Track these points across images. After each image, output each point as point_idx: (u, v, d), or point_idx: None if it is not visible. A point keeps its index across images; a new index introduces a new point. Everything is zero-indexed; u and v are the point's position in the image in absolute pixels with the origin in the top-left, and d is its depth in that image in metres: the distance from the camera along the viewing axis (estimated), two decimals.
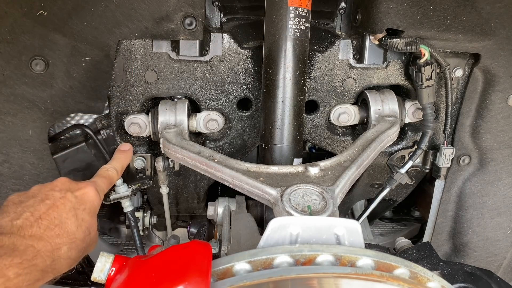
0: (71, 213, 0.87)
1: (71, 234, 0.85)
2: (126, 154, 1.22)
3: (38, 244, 0.77)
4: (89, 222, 0.92)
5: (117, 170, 1.14)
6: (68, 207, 0.88)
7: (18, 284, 0.69)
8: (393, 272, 0.70)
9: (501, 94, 1.32)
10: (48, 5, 1.06)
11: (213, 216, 1.28)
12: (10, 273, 0.68)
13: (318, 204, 0.88)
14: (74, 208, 0.89)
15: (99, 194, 0.99)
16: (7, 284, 0.67)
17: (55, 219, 0.83)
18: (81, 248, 0.87)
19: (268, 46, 1.14)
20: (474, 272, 0.98)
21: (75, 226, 0.86)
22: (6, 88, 1.13)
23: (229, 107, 1.33)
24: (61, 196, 0.89)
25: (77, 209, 0.89)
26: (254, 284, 0.64)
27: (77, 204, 0.90)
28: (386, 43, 1.21)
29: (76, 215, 0.88)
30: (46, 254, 0.77)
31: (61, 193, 0.90)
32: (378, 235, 2.07)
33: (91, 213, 0.94)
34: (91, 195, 0.95)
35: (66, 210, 0.87)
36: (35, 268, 0.74)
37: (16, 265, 0.70)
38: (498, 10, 1.18)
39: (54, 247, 0.80)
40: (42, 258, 0.76)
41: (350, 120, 1.38)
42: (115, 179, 1.14)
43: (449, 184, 1.47)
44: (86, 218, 0.91)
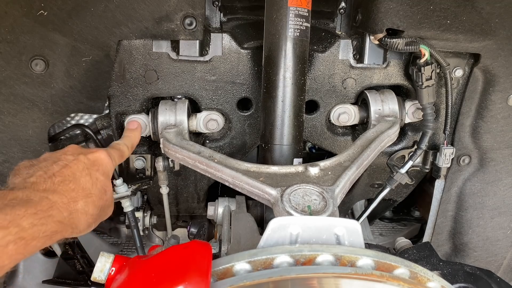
0: (85, 172, 0.86)
1: (86, 189, 0.84)
2: (135, 132, 1.20)
3: (53, 196, 0.75)
4: (104, 181, 0.90)
5: (127, 147, 1.11)
6: (82, 167, 0.86)
7: (34, 234, 0.68)
8: (393, 272, 0.70)
9: (501, 94, 1.32)
10: (48, 5, 1.06)
11: (213, 216, 1.28)
12: (24, 223, 0.66)
13: (318, 204, 0.88)
14: (87, 168, 0.87)
15: (111, 160, 0.97)
16: (22, 234, 0.65)
17: (69, 176, 0.82)
18: (98, 205, 0.86)
19: (268, 46, 1.14)
20: (474, 272, 0.98)
21: (90, 184, 0.85)
22: (6, 88, 1.13)
23: (229, 107, 1.33)
24: (74, 158, 0.88)
25: (90, 169, 0.88)
26: (254, 284, 0.64)
27: (90, 165, 0.89)
28: (386, 43, 1.21)
29: (90, 174, 0.87)
30: (61, 206, 0.76)
31: (73, 156, 0.89)
32: (378, 235, 2.07)
33: (105, 175, 0.92)
34: (103, 158, 0.94)
35: (80, 169, 0.86)
36: (51, 219, 0.72)
37: (31, 215, 0.68)
38: (498, 10, 1.18)
39: (69, 200, 0.78)
40: (58, 210, 0.74)
41: (350, 120, 1.38)
42: (126, 155, 1.11)
43: (449, 184, 1.47)
44: (100, 178, 0.89)
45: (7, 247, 0.63)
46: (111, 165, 0.96)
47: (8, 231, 0.63)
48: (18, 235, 0.65)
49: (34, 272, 1.55)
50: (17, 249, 0.64)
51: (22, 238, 0.65)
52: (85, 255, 1.50)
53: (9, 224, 0.64)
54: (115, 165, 1.01)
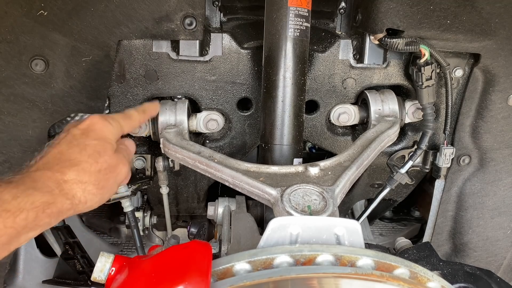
0: (72, 143, 0.84)
1: (73, 159, 0.81)
2: (152, 105, 1.15)
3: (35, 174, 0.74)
4: (97, 145, 0.86)
5: (137, 110, 1.06)
6: (69, 139, 0.85)
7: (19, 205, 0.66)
8: (393, 272, 0.70)
9: (501, 94, 1.32)
10: (48, 5, 1.06)
11: (213, 216, 1.28)
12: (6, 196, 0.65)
13: (318, 204, 0.88)
14: (75, 139, 0.85)
15: (109, 122, 0.92)
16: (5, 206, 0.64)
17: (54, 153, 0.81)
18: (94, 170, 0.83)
19: (268, 46, 1.14)
20: (474, 272, 0.98)
21: (78, 152, 0.83)
22: (6, 88, 1.13)
23: (229, 107, 1.33)
24: (65, 134, 0.87)
25: (79, 139, 0.85)
26: (254, 284, 0.64)
27: (79, 134, 0.86)
28: (386, 43, 1.21)
29: (78, 144, 0.84)
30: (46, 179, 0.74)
31: (64, 132, 0.87)
32: (378, 235, 2.07)
33: (99, 138, 0.88)
34: (97, 124, 0.90)
35: (67, 142, 0.84)
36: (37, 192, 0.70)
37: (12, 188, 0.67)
38: (498, 10, 1.18)
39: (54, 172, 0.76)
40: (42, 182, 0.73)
41: (350, 120, 1.38)
42: (135, 117, 1.04)
43: (449, 184, 1.47)
44: (91, 143, 0.86)
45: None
46: (108, 127, 0.91)
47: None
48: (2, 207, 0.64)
49: (34, 272, 1.54)
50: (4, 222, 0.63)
51: (6, 210, 0.64)
52: (85, 255, 1.50)
53: None
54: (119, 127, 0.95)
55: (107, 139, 0.90)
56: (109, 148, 0.89)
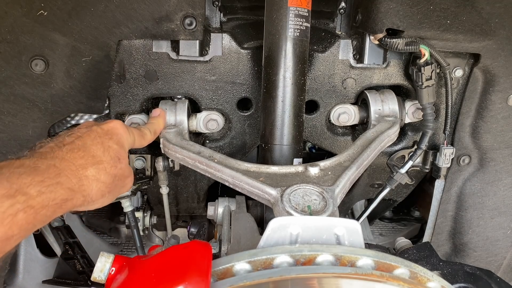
0: (96, 141, 0.84)
1: (97, 156, 0.82)
2: (159, 119, 1.19)
3: (60, 163, 0.74)
4: (118, 150, 0.88)
5: (150, 131, 1.09)
6: (93, 136, 0.85)
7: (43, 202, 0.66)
8: (393, 272, 0.70)
9: (501, 94, 1.32)
10: (48, 5, 1.06)
11: (213, 216, 1.28)
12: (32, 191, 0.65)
13: (318, 204, 0.88)
14: (99, 137, 0.86)
15: (128, 132, 0.95)
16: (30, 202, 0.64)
17: (79, 145, 0.81)
18: (111, 173, 0.84)
19: (268, 46, 1.14)
20: (474, 272, 0.98)
21: (101, 151, 0.83)
22: (6, 88, 1.13)
23: (229, 107, 1.33)
24: (87, 130, 0.87)
25: (102, 138, 0.86)
26: (254, 284, 0.64)
27: (102, 133, 0.87)
28: (386, 43, 1.21)
29: (102, 142, 0.85)
30: (70, 173, 0.74)
31: (87, 128, 0.87)
32: (378, 235, 2.07)
33: (119, 144, 0.90)
34: (118, 128, 0.92)
35: (91, 138, 0.84)
36: (60, 187, 0.71)
37: (38, 183, 0.67)
38: (498, 10, 1.18)
39: (78, 167, 0.77)
40: (66, 177, 0.73)
41: (350, 120, 1.38)
42: (148, 138, 1.08)
43: (449, 184, 1.47)
44: (113, 146, 0.87)
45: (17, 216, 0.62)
46: (127, 135, 0.94)
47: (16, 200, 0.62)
48: (27, 203, 0.64)
49: (34, 272, 1.55)
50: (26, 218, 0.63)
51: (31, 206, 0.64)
52: (85, 255, 1.50)
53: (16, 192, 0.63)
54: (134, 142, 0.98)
55: (124, 148, 0.92)
56: (125, 157, 0.91)
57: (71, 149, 0.79)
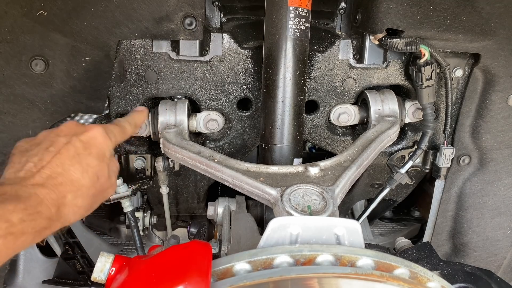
0: (75, 160, 0.83)
1: (75, 181, 0.82)
2: (140, 114, 1.17)
3: (41, 191, 0.74)
4: (97, 167, 0.87)
5: (130, 123, 1.07)
6: (72, 154, 0.84)
7: (23, 230, 0.67)
8: (393, 272, 0.70)
9: (501, 94, 1.32)
10: (48, 5, 1.06)
11: (213, 216, 1.28)
12: (14, 218, 0.66)
13: (318, 204, 0.88)
14: (78, 154, 0.85)
15: (109, 137, 0.92)
16: (11, 229, 0.65)
17: (57, 167, 0.80)
18: (89, 195, 0.84)
19: (268, 46, 1.14)
20: (474, 272, 0.98)
21: (80, 173, 0.83)
22: (6, 88, 1.13)
23: (229, 107, 1.33)
24: (66, 141, 0.85)
25: (81, 155, 0.85)
26: (254, 284, 0.64)
27: (81, 149, 0.86)
28: (386, 43, 1.21)
29: (80, 161, 0.84)
30: (50, 202, 0.75)
31: (66, 138, 0.86)
32: (378, 235, 2.07)
33: (100, 157, 0.88)
34: (98, 138, 0.89)
35: (70, 157, 0.83)
36: (40, 216, 0.72)
37: (20, 211, 0.68)
38: (498, 10, 1.18)
39: (58, 195, 0.77)
40: (46, 206, 0.74)
41: (350, 120, 1.38)
42: (128, 132, 1.06)
43: (449, 184, 1.47)
44: (92, 163, 0.86)
45: None
46: (107, 143, 0.92)
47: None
48: (8, 230, 0.64)
49: (34, 272, 1.54)
50: (6, 243, 0.64)
51: (11, 233, 0.65)
52: (85, 255, 1.50)
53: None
54: (115, 142, 0.97)
55: (105, 158, 0.90)
56: (106, 170, 0.90)
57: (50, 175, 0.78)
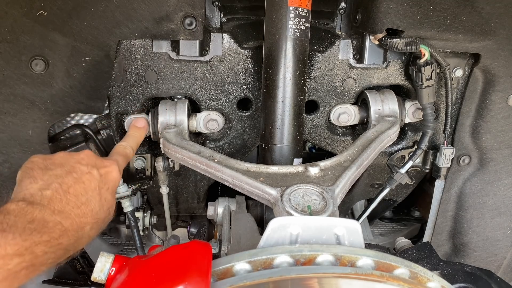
0: (96, 192, 0.86)
1: (95, 214, 0.84)
2: (141, 131, 1.20)
3: (66, 222, 0.76)
4: (111, 202, 0.91)
5: (132, 148, 1.11)
6: (94, 185, 0.86)
7: (43, 261, 0.70)
8: (393, 272, 0.70)
9: (501, 94, 1.32)
10: (48, 5, 1.06)
11: (213, 216, 1.28)
12: (38, 250, 0.68)
13: (318, 204, 0.88)
14: (99, 187, 0.87)
15: (120, 172, 0.97)
16: (34, 261, 0.68)
17: (82, 196, 0.82)
18: (100, 228, 0.87)
19: (268, 46, 1.14)
20: (474, 272, 0.98)
21: (99, 206, 0.85)
22: (6, 88, 1.13)
23: (229, 107, 1.33)
24: (88, 171, 0.87)
25: (101, 188, 0.88)
26: (254, 284, 0.64)
27: (101, 183, 0.89)
28: (386, 43, 1.21)
29: (100, 194, 0.87)
30: (71, 233, 0.77)
31: (87, 168, 0.88)
32: (378, 235, 2.07)
33: (113, 193, 0.93)
34: (114, 175, 0.94)
35: (92, 188, 0.85)
36: (60, 247, 0.74)
37: (44, 243, 0.70)
38: (498, 10, 1.18)
39: (79, 226, 0.79)
40: (67, 237, 0.76)
41: (350, 120, 1.38)
42: (131, 157, 1.11)
43: (449, 184, 1.47)
44: (108, 198, 0.90)
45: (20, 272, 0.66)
46: (119, 180, 0.97)
47: (23, 258, 0.66)
48: (31, 262, 0.67)
49: None
50: (27, 274, 0.67)
51: (33, 265, 0.68)
52: (85, 255, 1.50)
53: (25, 251, 0.66)
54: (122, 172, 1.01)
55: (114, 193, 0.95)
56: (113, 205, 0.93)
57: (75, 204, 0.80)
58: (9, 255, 0.64)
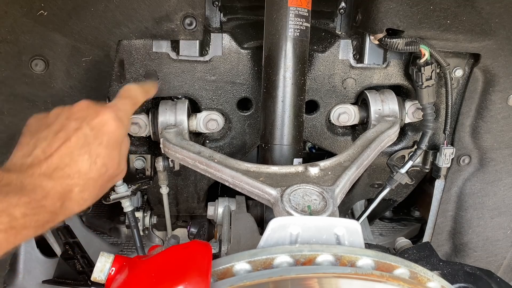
0: (84, 150, 0.79)
1: (83, 174, 0.78)
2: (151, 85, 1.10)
3: (47, 184, 0.72)
4: (107, 157, 0.82)
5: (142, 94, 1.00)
6: (82, 143, 0.79)
7: (25, 224, 0.66)
8: (393, 272, 0.70)
9: (501, 94, 1.32)
10: (48, 5, 1.06)
11: (213, 216, 1.28)
12: (16, 212, 0.65)
13: (318, 204, 0.88)
14: (88, 144, 0.80)
15: (122, 121, 0.86)
16: (13, 223, 0.64)
17: (66, 157, 0.76)
18: (96, 186, 0.81)
19: (268, 46, 1.14)
20: (474, 272, 0.98)
21: (88, 165, 0.79)
22: (6, 88, 1.13)
23: (229, 107, 1.33)
24: (76, 127, 0.80)
25: (91, 144, 0.80)
26: (254, 284, 0.64)
27: (92, 138, 0.81)
28: (386, 43, 1.21)
29: (90, 152, 0.79)
30: (55, 196, 0.72)
31: (76, 123, 0.81)
32: (378, 235, 2.07)
33: (110, 146, 0.83)
34: (109, 125, 0.83)
35: (79, 147, 0.78)
36: (43, 210, 0.70)
37: (24, 205, 0.66)
38: (498, 10, 1.18)
39: (64, 189, 0.74)
40: (51, 200, 0.72)
41: (350, 120, 1.38)
42: (140, 100, 0.98)
43: (449, 184, 1.47)
44: (102, 153, 0.81)
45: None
46: (120, 129, 0.85)
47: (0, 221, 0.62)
48: (9, 224, 0.63)
49: (34, 272, 1.54)
50: (7, 238, 0.63)
51: (13, 227, 0.64)
52: (85, 255, 1.50)
53: (1, 213, 0.63)
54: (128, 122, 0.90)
55: (116, 145, 0.86)
56: (116, 158, 0.85)
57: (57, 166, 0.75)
58: None
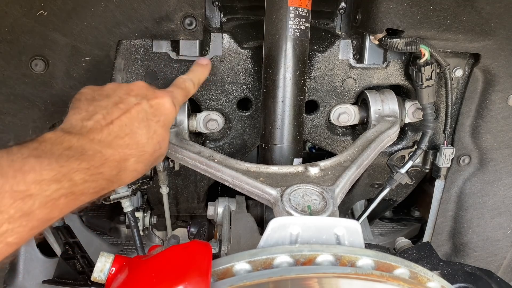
0: (143, 124, 0.81)
1: (141, 146, 0.80)
2: (204, 68, 1.11)
3: (106, 151, 0.73)
4: (162, 135, 0.85)
5: (194, 83, 1.03)
6: (141, 117, 0.81)
7: (83, 190, 0.68)
8: (393, 272, 0.70)
9: (501, 94, 1.32)
10: (48, 5, 1.06)
11: (213, 216, 1.28)
12: (77, 177, 0.66)
13: (318, 204, 0.88)
14: (147, 119, 0.82)
15: (175, 106, 0.90)
16: (73, 188, 0.65)
17: (126, 127, 0.78)
18: (149, 161, 0.83)
19: (268, 46, 1.14)
20: (474, 272, 0.98)
21: (146, 138, 0.81)
22: (6, 88, 1.13)
23: (229, 107, 1.33)
24: (136, 102, 0.82)
25: (150, 120, 0.83)
26: (254, 284, 0.64)
27: (151, 114, 0.84)
28: (386, 43, 1.21)
29: (149, 126, 0.82)
30: (113, 164, 0.74)
31: (136, 99, 0.83)
32: (378, 235, 2.07)
33: (165, 126, 0.87)
34: (167, 107, 0.87)
35: (139, 120, 0.81)
36: (101, 177, 0.71)
37: (83, 171, 0.67)
38: (498, 10, 1.18)
39: (122, 157, 0.76)
40: (109, 167, 0.73)
41: (350, 120, 1.38)
42: (191, 93, 1.02)
43: (449, 184, 1.47)
44: (158, 131, 0.84)
45: (59, 200, 0.63)
46: (174, 113, 0.89)
47: (61, 185, 0.63)
48: (70, 189, 0.65)
49: (34, 272, 1.55)
50: (67, 203, 0.65)
51: (73, 193, 0.65)
52: (85, 255, 1.50)
53: (63, 177, 0.64)
54: (178, 109, 0.94)
55: (168, 127, 0.89)
56: (166, 140, 0.88)
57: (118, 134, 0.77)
58: (45, 181, 0.61)
